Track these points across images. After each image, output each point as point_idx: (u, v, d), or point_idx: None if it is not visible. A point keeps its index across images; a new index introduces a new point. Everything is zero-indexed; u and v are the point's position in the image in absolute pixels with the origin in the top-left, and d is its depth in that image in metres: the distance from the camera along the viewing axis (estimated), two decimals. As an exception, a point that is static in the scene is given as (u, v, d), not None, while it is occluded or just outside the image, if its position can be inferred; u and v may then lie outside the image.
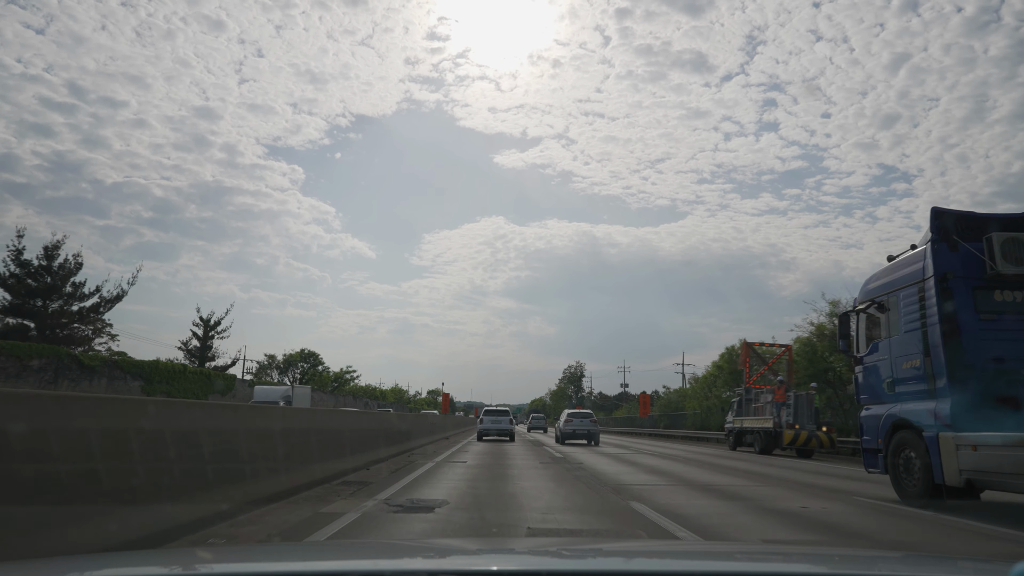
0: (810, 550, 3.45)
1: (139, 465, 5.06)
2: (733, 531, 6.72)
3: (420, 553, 2.37)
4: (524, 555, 2.20)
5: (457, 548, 2.73)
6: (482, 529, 6.53)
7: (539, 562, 1.98)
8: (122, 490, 4.86)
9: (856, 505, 9.22)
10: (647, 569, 1.89)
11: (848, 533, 6.92)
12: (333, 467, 10.13)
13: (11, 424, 3.98)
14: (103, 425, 4.79)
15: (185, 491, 5.77)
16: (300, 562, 2.00)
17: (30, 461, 4.09)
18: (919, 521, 7.82)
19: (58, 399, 5.17)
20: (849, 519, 7.91)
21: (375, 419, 18.29)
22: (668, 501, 8.82)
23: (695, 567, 1.87)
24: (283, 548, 3.73)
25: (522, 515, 7.28)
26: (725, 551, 2.82)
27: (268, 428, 8.16)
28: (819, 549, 4.00)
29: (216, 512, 6.07)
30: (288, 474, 8.23)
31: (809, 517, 7.81)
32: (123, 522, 4.74)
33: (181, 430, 5.87)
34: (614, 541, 4.81)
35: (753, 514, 8.03)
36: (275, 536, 5.64)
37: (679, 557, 2.31)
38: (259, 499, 7.00)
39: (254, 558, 2.10)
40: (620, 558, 2.23)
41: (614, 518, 7.39)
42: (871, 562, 2.13)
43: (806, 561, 2.10)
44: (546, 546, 2.93)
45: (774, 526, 7.20)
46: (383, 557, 2.22)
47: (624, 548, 2.85)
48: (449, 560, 2.03)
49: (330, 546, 4.26)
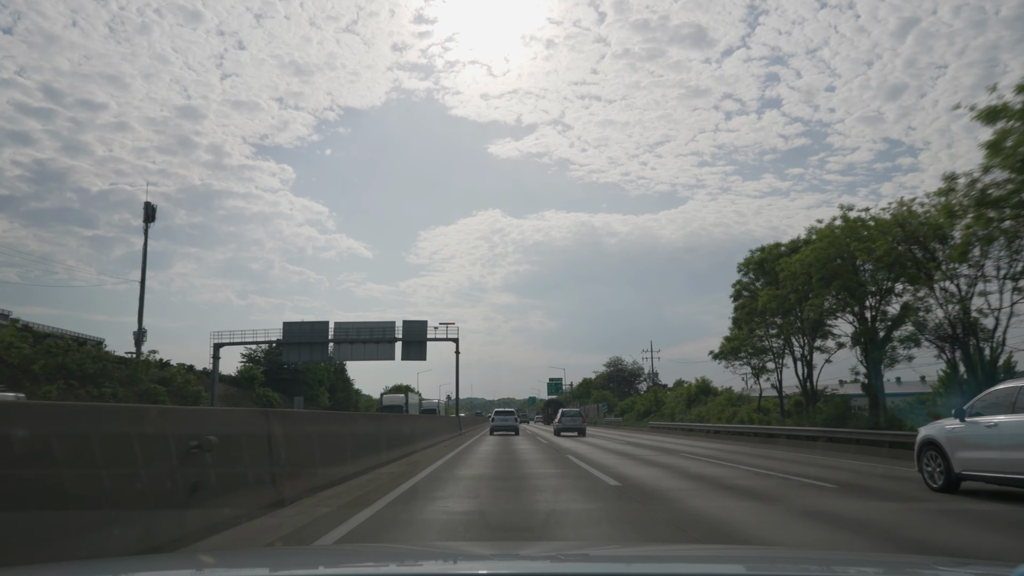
0: (813, 554, 3.40)
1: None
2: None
3: (424, 558, 2.51)
4: (525, 560, 2.33)
5: (462, 552, 2.89)
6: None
7: (540, 567, 2.08)
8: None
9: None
10: (647, 572, 2.03)
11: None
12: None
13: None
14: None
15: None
16: (303, 569, 2.13)
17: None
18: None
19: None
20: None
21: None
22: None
23: (695, 570, 1.98)
24: (288, 553, 3.68)
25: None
26: (723, 555, 2.84)
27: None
28: (820, 553, 3.82)
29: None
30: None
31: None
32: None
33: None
34: (615, 546, 4.65)
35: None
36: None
37: (679, 561, 2.38)
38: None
39: (258, 563, 2.19)
40: (619, 563, 2.32)
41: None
42: (871, 564, 2.27)
43: (806, 563, 2.15)
44: (549, 551, 2.96)
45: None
46: (386, 562, 2.33)
47: (624, 553, 2.83)
48: (452, 565, 2.19)
49: (335, 551, 4.31)
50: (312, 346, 51.83)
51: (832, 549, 5.87)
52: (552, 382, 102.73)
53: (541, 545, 4.77)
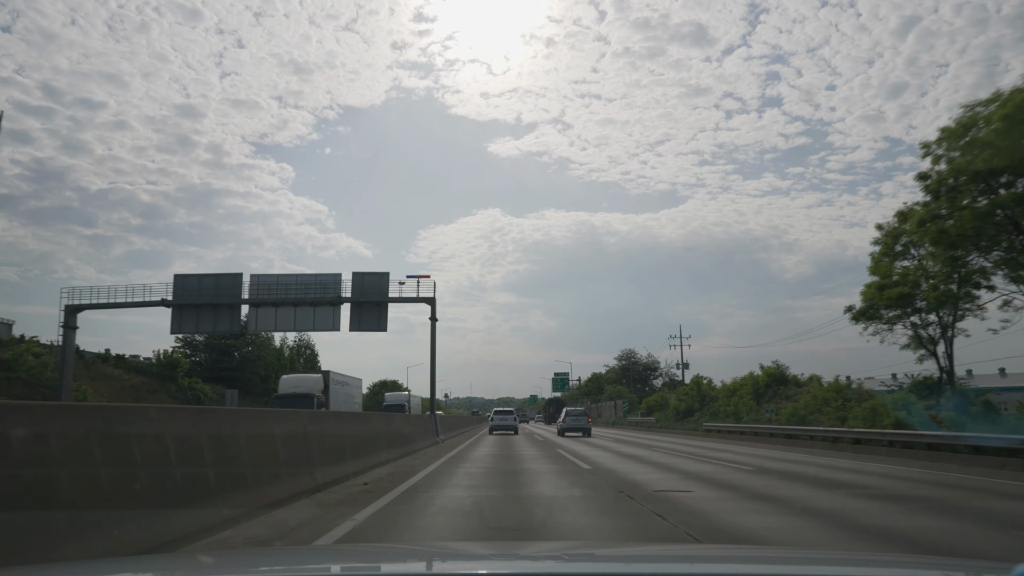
0: (815, 554, 3.29)
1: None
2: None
3: (422, 557, 2.45)
4: (525, 560, 2.24)
5: (460, 552, 2.83)
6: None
7: (541, 566, 2.03)
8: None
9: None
10: (648, 572, 1.99)
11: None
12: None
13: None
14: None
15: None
16: (303, 569, 2.08)
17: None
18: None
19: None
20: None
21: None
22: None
23: (698, 570, 1.93)
24: (288, 553, 3.55)
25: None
26: (727, 555, 2.79)
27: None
28: (821, 553, 3.69)
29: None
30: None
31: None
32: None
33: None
34: (618, 546, 4.29)
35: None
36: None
37: (682, 561, 2.31)
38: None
39: (258, 563, 2.12)
40: (620, 563, 2.26)
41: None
42: (871, 564, 2.20)
43: (806, 563, 2.11)
44: (549, 551, 2.88)
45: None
46: (386, 562, 2.30)
47: (624, 553, 2.70)
48: (453, 565, 2.13)
49: (335, 550, 4.24)
50: (216, 310, 34.84)
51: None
52: (558, 377, 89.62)
53: (542, 545, 4.59)
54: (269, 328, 36.54)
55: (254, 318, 35.14)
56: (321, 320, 34.85)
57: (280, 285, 34.80)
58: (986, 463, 14.85)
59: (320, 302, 34.45)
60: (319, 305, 34.61)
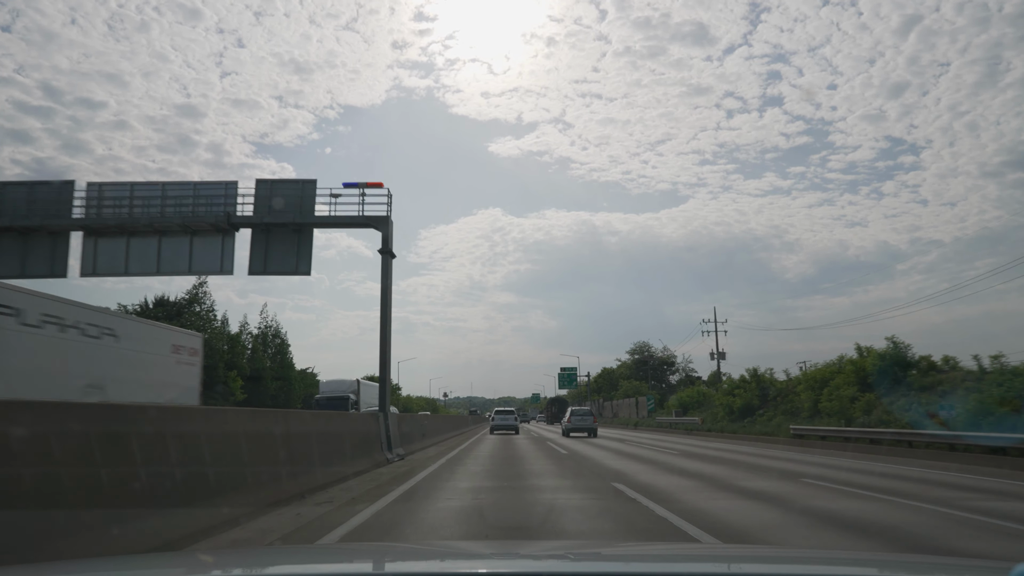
0: (817, 553, 3.17)
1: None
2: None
3: (424, 556, 2.44)
4: (527, 559, 2.22)
5: (464, 551, 2.87)
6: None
7: (542, 566, 2.01)
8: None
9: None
10: (649, 571, 1.97)
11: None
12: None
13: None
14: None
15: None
16: (303, 568, 2.07)
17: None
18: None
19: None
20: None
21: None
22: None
23: (700, 570, 1.91)
24: (288, 552, 3.53)
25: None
26: (729, 555, 2.74)
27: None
28: (822, 553, 3.65)
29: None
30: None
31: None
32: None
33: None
34: (616, 546, 4.26)
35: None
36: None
37: (683, 561, 2.30)
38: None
39: (258, 563, 2.11)
40: (623, 563, 2.24)
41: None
42: (872, 563, 2.19)
43: (807, 563, 2.09)
44: (550, 550, 2.85)
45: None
46: (387, 561, 2.27)
47: (628, 553, 2.68)
48: (454, 564, 2.12)
49: (335, 550, 4.22)
50: (27, 240, 20.93)
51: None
52: (564, 373, 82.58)
53: (543, 544, 4.59)
54: (117, 271, 22.40)
55: (91, 254, 21.28)
56: (201, 257, 20.96)
57: (137, 200, 21.05)
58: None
59: (200, 227, 20.73)
60: (199, 233, 20.93)
